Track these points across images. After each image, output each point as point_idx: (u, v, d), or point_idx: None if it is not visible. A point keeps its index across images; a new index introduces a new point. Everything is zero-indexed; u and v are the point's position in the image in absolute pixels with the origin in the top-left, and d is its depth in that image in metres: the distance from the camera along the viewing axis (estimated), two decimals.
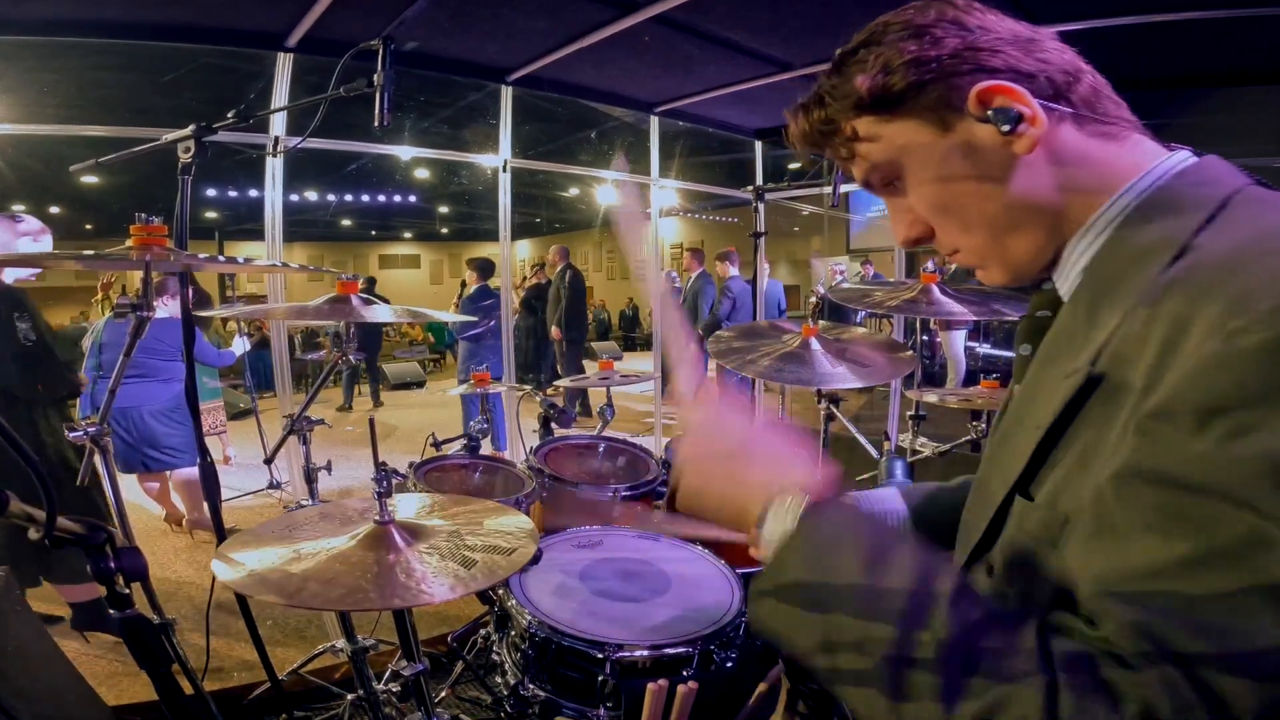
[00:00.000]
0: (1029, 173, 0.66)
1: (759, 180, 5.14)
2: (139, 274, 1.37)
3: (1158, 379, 0.52)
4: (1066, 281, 0.69)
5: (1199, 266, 0.55)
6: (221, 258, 1.58)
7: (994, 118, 0.63)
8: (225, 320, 6.08)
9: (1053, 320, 0.70)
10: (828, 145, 0.74)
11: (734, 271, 6.16)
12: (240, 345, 4.58)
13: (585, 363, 6.94)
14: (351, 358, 1.81)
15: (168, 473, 3.83)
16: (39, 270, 3.12)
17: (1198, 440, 0.48)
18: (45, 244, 2.67)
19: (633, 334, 15.01)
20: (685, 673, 1.32)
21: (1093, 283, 0.65)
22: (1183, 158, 0.66)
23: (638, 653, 1.29)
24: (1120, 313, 0.59)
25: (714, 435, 0.74)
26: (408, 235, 19.29)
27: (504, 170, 4.05)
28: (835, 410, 2.24)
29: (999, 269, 0.72)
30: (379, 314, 1.78)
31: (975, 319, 5.23)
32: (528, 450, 2.25)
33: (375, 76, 1.45)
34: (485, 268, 5.80)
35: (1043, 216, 0.68)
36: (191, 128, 1.56)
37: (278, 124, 3.25)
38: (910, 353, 2.25)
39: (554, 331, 6.52)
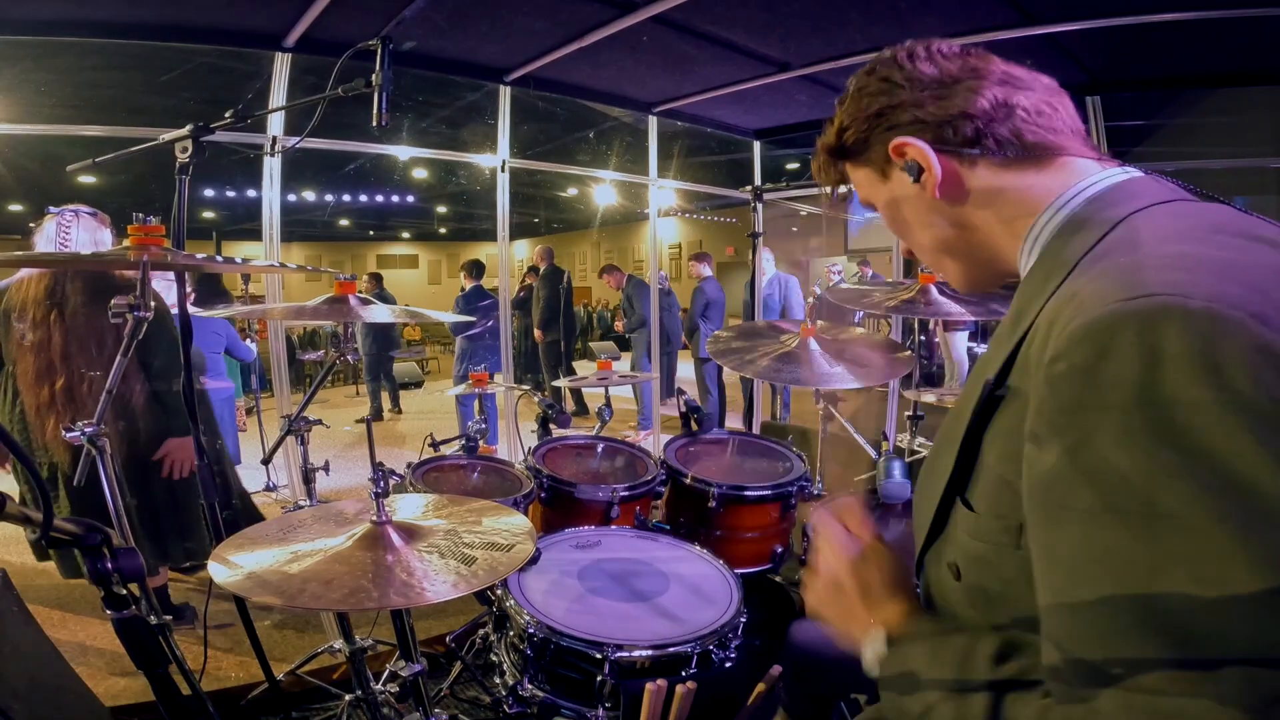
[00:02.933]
0: (945, 211, 0.76)
1: (757, 180, 5.14)
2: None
3: (1030, 401, 0.59)
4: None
5: (1057, 294, 0.63)
6: (219, 258, 1.58)
7: (905, 168, 0.75)
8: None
9: None
10: (832, 178, 0.87)
11: (708, 272, 6.43)
12: (251, 349, 4.61)
13: (584, 362, 6.98)
14: (349, 358, 1.80)
15: None
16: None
17: (1042, 459, 0.55)
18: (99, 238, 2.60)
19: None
20: (684, 673, 1.32)
21: (1018, 299, 0.72)
22: (1103, 177, 0.70)
23: (636, 653, 1.29)
24: (1026, 327, 0.66)
25: (836, 564, 0.83)
26: (406, 235, 19.26)
27: (502, 170, 4.04)
28: (834, 410, 2.25)
29: (954, 284, 0.85)
30: (376, 314, 1.77)
31: (973, 319, 5.23)
32: (526, 450, 2.24)
33: (373, 76, 1.45)
34: (475, 269, 5.98)
35: (968, 245, 0.78)
36: (189, 127, 1.55)
37: (275, 124, 3.25)
38: (908, 353, 2.25)
39: (536, 334, 6.72)
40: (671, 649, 1.31)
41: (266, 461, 2.08)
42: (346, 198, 14.04)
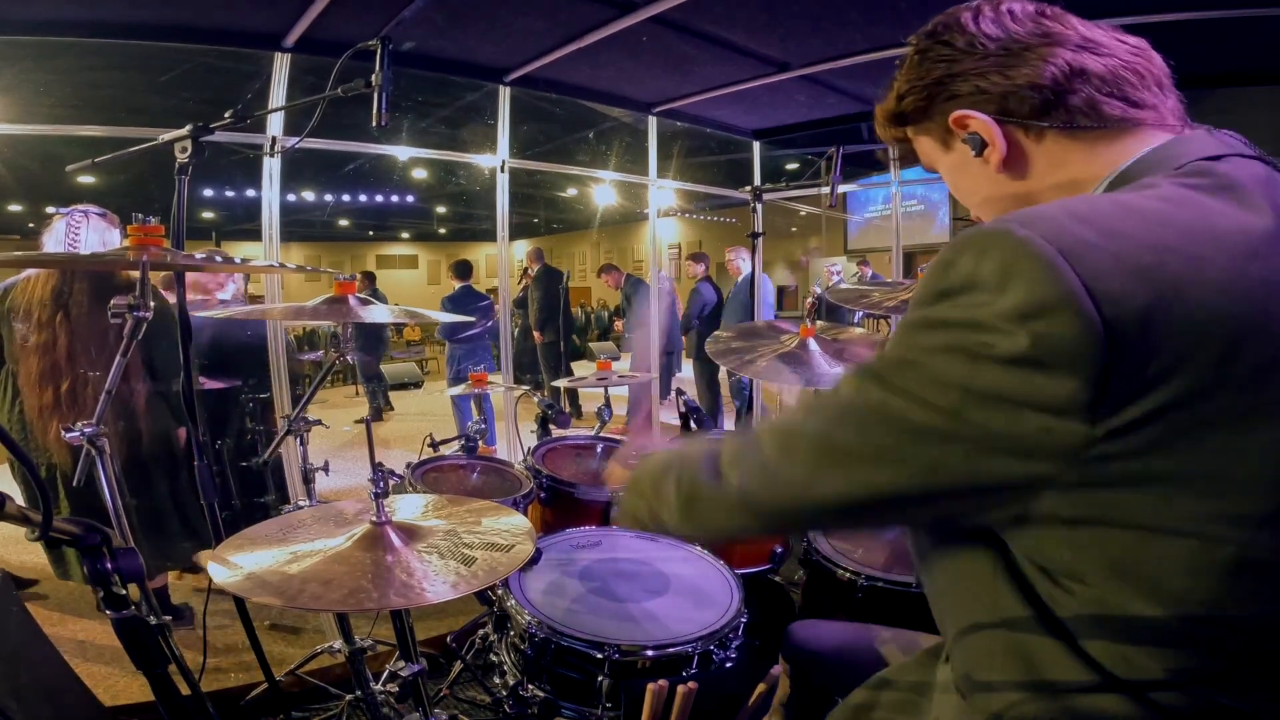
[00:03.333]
0: (1008, 184, 0.74)
1: (757, 180, 5.14)
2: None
3: None
4: None
5: None
6: (219, 257, 1.58)
7: (968, 140, 0.72)
8: None
9: None
10: (894, 141, 0.85)
11: (704, 273, 6.42)
12: None
13: (583, 363, 6.97)
14: (349, 358, 1.80)
15: None
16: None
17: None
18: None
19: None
20: (684, 673, 1.32)
21: None
22: (1160, 141, 0.68)
23: (637, 653, 1.29)
24: None
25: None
26: (405, 235, 19.25)
27: (502, 170, 4.04)
28: None
29: None
30: (375, 314, 1.77)
31: None
32: (525, 450, 2.24)
33: (373, 76, 1.45)
34: (462, 270, 5.88)
35: None
36: (188, 128, 1.55)
37: (275, 124, 3.25)
38: None
39: (535, 335, 6.64)
40: (672, 649, 1.31)
41: (265, 461, 2.08)
42: (346, 198, 14.03)
